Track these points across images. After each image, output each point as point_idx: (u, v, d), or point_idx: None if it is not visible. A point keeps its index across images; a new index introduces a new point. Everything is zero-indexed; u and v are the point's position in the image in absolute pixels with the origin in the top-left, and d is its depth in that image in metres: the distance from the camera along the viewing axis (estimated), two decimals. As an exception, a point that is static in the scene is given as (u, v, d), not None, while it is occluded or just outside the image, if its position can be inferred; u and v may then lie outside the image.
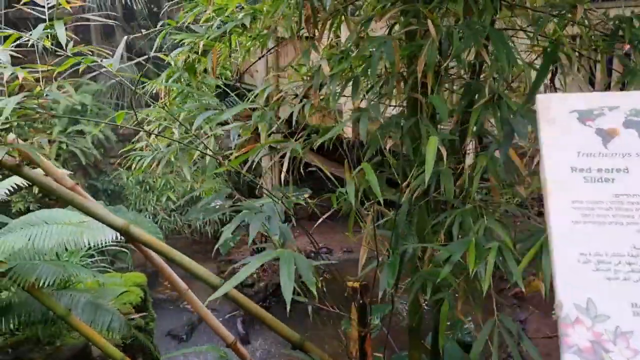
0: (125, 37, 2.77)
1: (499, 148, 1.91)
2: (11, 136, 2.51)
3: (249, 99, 2.98)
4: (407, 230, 2.18)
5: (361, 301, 2.46)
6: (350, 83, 2.33)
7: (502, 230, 2.07)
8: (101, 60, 2.58)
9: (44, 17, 2.37)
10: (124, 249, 5.91)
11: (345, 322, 6.46)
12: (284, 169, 2.25)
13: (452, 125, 2.33)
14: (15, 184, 3.53)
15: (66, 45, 2.18)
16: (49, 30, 2.20)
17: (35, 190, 7.24)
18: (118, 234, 3.36)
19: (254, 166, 3.07)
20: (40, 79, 2.43)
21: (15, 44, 2.32)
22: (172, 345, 7.20)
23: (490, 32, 2.01)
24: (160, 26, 3.25)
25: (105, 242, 3.26)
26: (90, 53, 2.51)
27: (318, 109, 2.60)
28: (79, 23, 10.58)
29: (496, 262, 1.80)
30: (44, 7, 2.36)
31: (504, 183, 2.17)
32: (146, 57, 3.19)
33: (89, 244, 3.19)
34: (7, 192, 3.52)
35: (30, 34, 2.10)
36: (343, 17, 3.02)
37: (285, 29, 3.38)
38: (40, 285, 2.72)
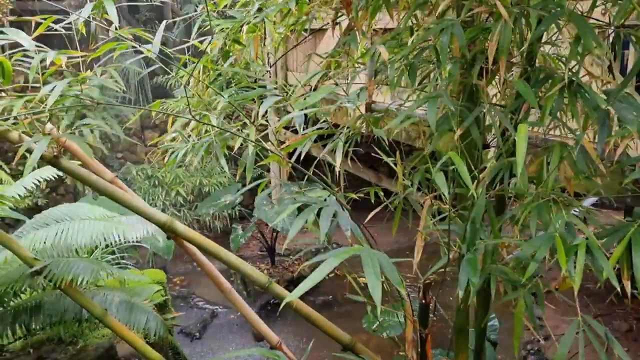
0: (164, 22, 2.61)
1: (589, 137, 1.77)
2: (49, 126, 2.36)
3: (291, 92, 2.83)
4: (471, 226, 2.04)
5: (423, 300, 2.32)
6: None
7: (583, 225, 1.94)
8: (140, 46, 2.43)
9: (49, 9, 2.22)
10: (135, 245, 5.78)
11: (366, 318, 6.29)
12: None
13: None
14: (38, 178, 3.38)
15: (114, 27, 2.03)
16: (94, 12, 2.04)
17: (44, 185, 7.06)
18: (148, 230, 3.22)
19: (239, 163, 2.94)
20: (80, 65, 2.28)
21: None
22: (185, 343, 7.06)
23: (572, 15, 1.88)
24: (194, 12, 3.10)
25: (137, 239, 3.12)
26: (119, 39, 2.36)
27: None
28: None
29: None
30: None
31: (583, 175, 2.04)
32: (180, 46, 3.05)
33: (119, 240, 3.04)
34: (32, 186, 3.37)
35: (80, 13, 1.95)
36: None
37: (321, 17, 3.24)
38: (77, 284, 2.58)
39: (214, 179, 9.06)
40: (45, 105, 2.04)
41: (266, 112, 3.05)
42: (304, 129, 2.50)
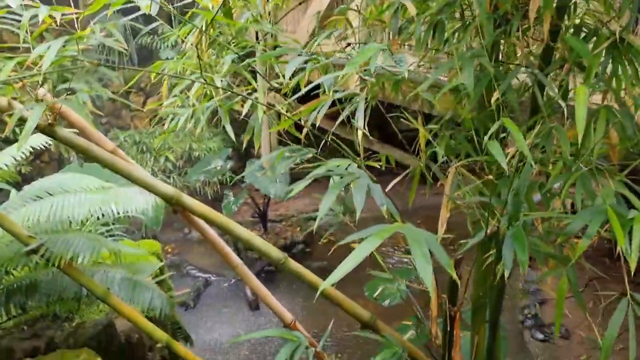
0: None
1: None
2: (42, 91, 2.13)
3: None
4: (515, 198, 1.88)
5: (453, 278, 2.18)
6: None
7: (634, 198, 1.80)
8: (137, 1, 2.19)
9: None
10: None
11: (368, 286, 6.17)
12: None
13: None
14: (27, 147, 3.14)
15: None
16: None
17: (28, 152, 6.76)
18: (148, 202, 3.03)
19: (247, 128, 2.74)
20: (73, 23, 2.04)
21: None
22: (179, 312, 6.94)
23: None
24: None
25: (136, 211, 2.92)
26: None
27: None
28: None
29: None
30: None
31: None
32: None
33: (118, 213, 2.85)
34: (20, 156, 3.14)
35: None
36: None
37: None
38: (78, 262, 2.39)
39: (203, 144, 8.81)
40: (40, 67, 1.81)
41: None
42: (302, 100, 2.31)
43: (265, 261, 7.48)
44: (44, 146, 3.29)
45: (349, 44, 3.00)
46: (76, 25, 2.09)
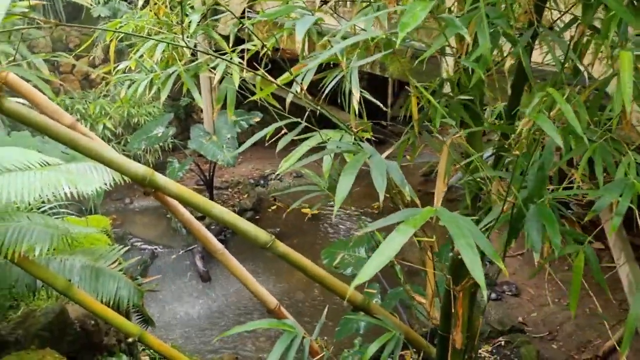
0: None
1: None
2: (-19, 56, 1.78)
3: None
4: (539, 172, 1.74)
5: (458, 256, 2.04)
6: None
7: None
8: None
9: None
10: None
11: (325, 253, 5.97)
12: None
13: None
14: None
15: None
16: None
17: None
18: (104, 179, 2.72)
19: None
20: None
21: None
22: (127, 287, 6.61)
23: None
24: None
25: (92, 191, 2.60)
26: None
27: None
28: None
29: None
30: None
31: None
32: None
33: (71, 194, 2.52)
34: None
35: None
36: None
37: None
38: (35, 255, 2.07)
39: (142, 109, 8.30)
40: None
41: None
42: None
43: (217, 229, 7.20)
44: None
45: (325, 2, 2.76)
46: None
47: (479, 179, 1.96)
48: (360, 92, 1.75)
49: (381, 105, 2.04)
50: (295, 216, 8.32)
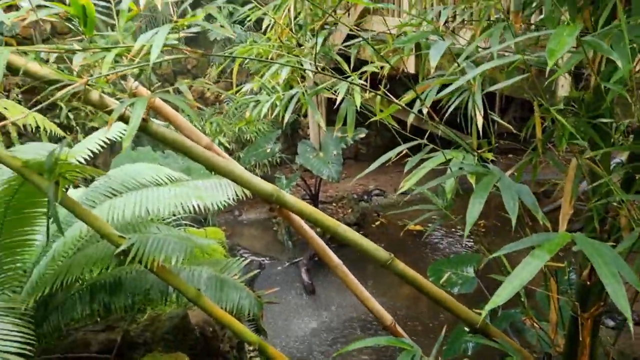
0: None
1: None
2: (134, 83, 1.98)
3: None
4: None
5: (588, 281, 1.97)
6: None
7: None
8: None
9: None
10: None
11: (432, 269, 5.88)
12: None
13: None
14: (103, 139, 3.03)
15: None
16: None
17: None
18: (228, 195, 2.89)
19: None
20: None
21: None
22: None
23: None
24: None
25: (218, 206, 2.78)
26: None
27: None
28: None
29: None
30: None
31: None
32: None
33: (199, 209, 2.71)
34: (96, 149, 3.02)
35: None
36: None
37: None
38: (172, 264, 2.26)
39: (252, 126, 8.68)
40: (140, 60, 1.66)
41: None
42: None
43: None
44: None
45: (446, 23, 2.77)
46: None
47: (609, 201, 1.88)
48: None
49: (510, 127, 2.01)
50: (399, 232, 8.29)
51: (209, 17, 1.85)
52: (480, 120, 1.90)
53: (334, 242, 3.35)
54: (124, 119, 1.87)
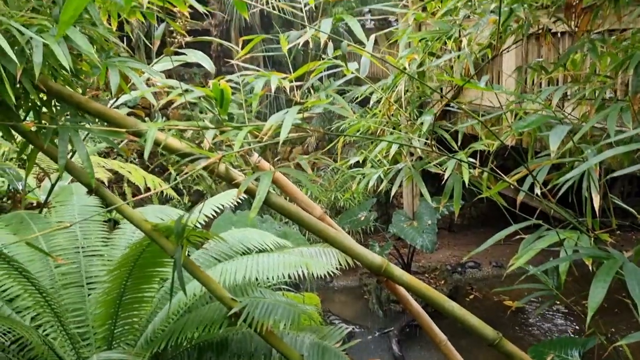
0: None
1: None
2: (255, 157, 2.15)
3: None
4: None
5: None
6: None
7: None
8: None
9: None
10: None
11: (531, 352, 5.63)
12: None
13: None
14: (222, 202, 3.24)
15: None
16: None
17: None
18: (332, 263, 2.96)
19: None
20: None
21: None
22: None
23: None
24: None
25: (321, 274, 2.86)
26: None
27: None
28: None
29: None
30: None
31: None
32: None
33: (303, 276, 2.81)
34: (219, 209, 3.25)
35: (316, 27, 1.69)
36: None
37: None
38: (280, 329, 2.35)
39: (347, 194, 8.85)
40: (268, 137, 1.81)
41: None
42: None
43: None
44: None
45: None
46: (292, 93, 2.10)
47: None
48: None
49: (632, 210, 1.96)
50: (495, 308, 7.98)
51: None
52: (597, 202, 1.88)
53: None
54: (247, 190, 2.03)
